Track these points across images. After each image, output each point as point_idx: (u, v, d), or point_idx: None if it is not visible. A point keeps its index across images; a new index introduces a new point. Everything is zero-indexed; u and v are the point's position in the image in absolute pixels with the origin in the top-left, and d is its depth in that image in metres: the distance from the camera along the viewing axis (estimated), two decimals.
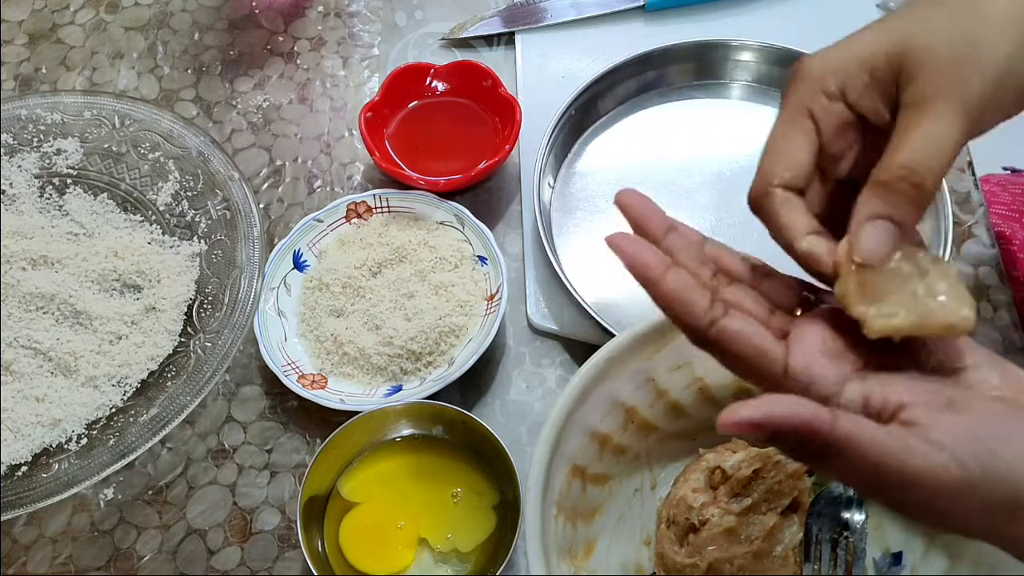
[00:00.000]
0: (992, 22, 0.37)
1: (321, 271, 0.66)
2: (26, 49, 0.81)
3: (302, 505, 0.55)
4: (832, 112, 0.39)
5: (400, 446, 0.59)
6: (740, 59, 0.74)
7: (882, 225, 0.37)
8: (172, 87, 0.78)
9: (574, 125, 0.72)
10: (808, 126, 0.39)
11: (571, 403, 0.48)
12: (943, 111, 0.36)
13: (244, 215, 0.65)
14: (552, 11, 0.79)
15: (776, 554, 0.50)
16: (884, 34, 0.39)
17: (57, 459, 0.57)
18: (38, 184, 0.68)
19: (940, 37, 0.37)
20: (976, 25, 0.38)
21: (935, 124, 0.36)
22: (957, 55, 0.37)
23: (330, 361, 0.63)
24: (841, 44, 0.40)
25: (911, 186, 0.36)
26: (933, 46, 0.37)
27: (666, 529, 0.52)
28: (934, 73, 0.37)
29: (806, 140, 0.39)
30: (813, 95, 0.39)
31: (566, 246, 0.68)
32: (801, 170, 0.39)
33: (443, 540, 0.56)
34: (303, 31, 0.81)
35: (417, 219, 0.68)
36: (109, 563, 0.59)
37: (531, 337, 0.66)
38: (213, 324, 0.62)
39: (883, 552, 0.52)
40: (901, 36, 0.38)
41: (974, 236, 0.69)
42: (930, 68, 0.37)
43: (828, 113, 0.39)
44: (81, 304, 0.62)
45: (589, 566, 0.51)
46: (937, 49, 0.37)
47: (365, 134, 0.69)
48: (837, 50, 0.39)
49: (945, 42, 0.37)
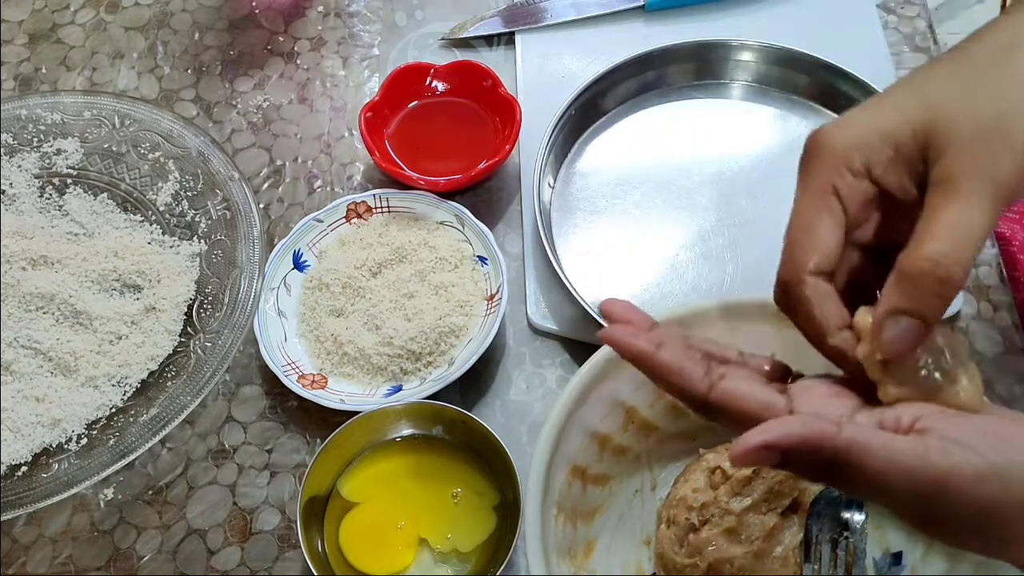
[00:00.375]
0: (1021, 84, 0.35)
1: (321, 271, 0.66)
2: (26, 49, 0.81)
3: (302, 505, 0.55)
4: (858, 190, 0.37)
5: (400, 446, 0.59)
6: (740, 59, 0.74)
7: (906, 321, 0.35)
8: (172, 87, 0.78)
9: (574, 125, 0.72)
10: (835, 206, 0.37)
11: (571, 403, 0.48)
12: (971, 194, 0.34)
13: (244, 215, 0.65)
14: (552, 11, 0.79)
15: (776, 554, 0.50)
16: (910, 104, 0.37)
17: (57, 459, 0.57)
18: (38, 184, 0.68)
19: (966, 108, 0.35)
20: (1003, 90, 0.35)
21: (962, 210, 0.34)
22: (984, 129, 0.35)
23: (330, 361, 0.63)
24: (863, 114, 0.38)
25: (937, 281, 0.34)
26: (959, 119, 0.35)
27: (666, 529, 0.52)
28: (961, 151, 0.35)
29: (835, 222, 0.37)
30: (838, 172, 0.37)
31: (566, 246, 0.68)
32: (833, 254, 0.37)
33: (443, 540, 0.56)
34: (303, 31, 0.81)
35: (417, 219, 0.68)
36: (109, 563, 0.59)
37: (531, 337, 0.66)
38: (213, 324, 0.62)
39: (883, 552, 0.52)
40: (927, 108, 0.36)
41: None
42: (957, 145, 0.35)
43: (854, 191, 0.37)
44: (81, 304, 0.62)
45: (589, 566, 0.51)
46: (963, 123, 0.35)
47: (365, 134, 0.69)
48: (860, 122, 0.37)
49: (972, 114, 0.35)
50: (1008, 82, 0.36)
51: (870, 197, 0.38)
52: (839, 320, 0.37)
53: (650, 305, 0.66)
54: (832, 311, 0.37)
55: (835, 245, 0.37)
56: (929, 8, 0.80)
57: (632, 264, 0.67)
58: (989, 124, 0.35)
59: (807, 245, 0.37)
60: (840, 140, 0.37)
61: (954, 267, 0.34)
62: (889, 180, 0.37)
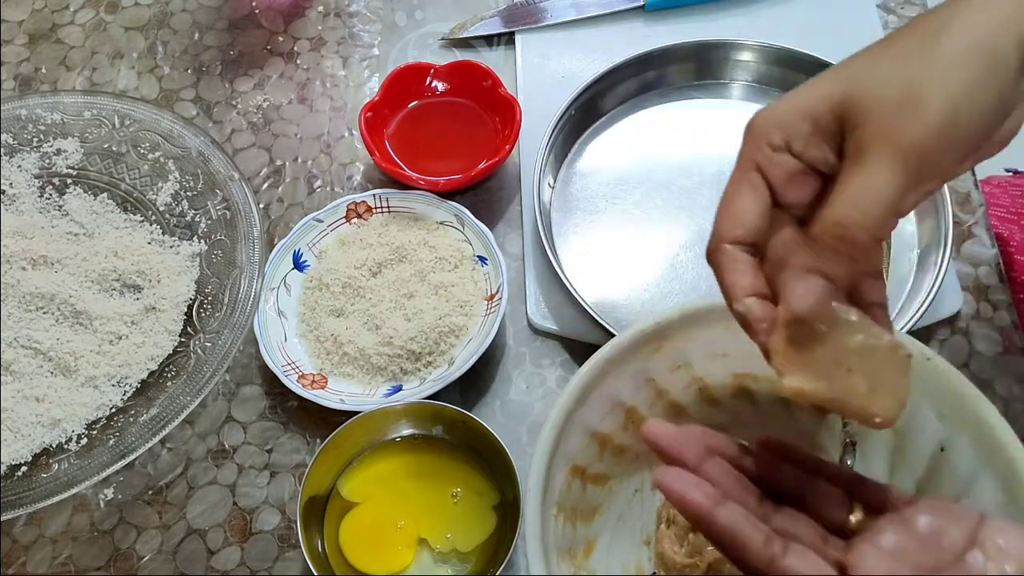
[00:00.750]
0: (941, 61, 0.36)
1: (321, 271, 0.66)
2: (26, 49, 0.81)
3: (302, 505, 0.55)
4: (778, 163, 0.39)
5: (400, 446, 0.59)
6: (740, 59, 0.74)
7: (812, 279, 0.37)
8: (172, 87, 0.78)
9: (574, 125, 0.72)
10: (757, 180, 0.39)
11: (571, 403, 0.48)
12: (877, 161, 0.36)
13: (244, 215, 0.65)
14: (552, 11, 0.79)
15: None
16: (831, 83, 0.38)
17: (57, 459, 0.57)
18: (38, 184, 0.68)
19: (882, 83, 0.37)
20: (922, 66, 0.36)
21: (868, 176, 0.36)
22: (897, 99, 0.36)
23: (330, 361, 0.63)
24: (788, 96, 0.40)
25: (842, 241, 0.36)
26: (875, 93, 0.37)
27: (666, 529, 0.52)
28: (873, 121, 0.36)
29: (756, 195, 0.39)
30: (759, 148, 0.39)
31: (566, 246, 0.68)
32: (751, 225, 0.39)
33: (443, 540, 0.56)
34: (303, 31, 0.81)
35: (417, 219, 0.68)
36: (109, 563, 0.59)
37: (531, 337, 0.66)
38: (213, 324, 0.62)
39: None
40: (847, 85, 0.38)
41: (974, 236, 0.69)
42: (870, 116, 0.36)
43: (774, 164, 0.39)
44: (81, 304, 0.62)
45: (589, 566, 0.51)
46: (878, 95, 0.36)
47: (365, 134, 0.69)
48: (783, 102, 0.39)
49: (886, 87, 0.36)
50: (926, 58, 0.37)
51: (794, 170, 0.39)
52: (749, 289, 0.39)
53: (650, 305, 0.66)
54: (740, 279, 0.39)
55: (753, 217, 0.39)
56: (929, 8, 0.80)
57: (632, 264, 0.67)
58: (900, 94, 0.36)
59: (726, 217, 0.40)
60: (762, 119, 0.39)
61: (858, 229, 0.35)
62: (811, 154, 0.39)
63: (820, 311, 0.37)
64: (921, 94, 0.36)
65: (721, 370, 0.53)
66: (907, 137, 0.35)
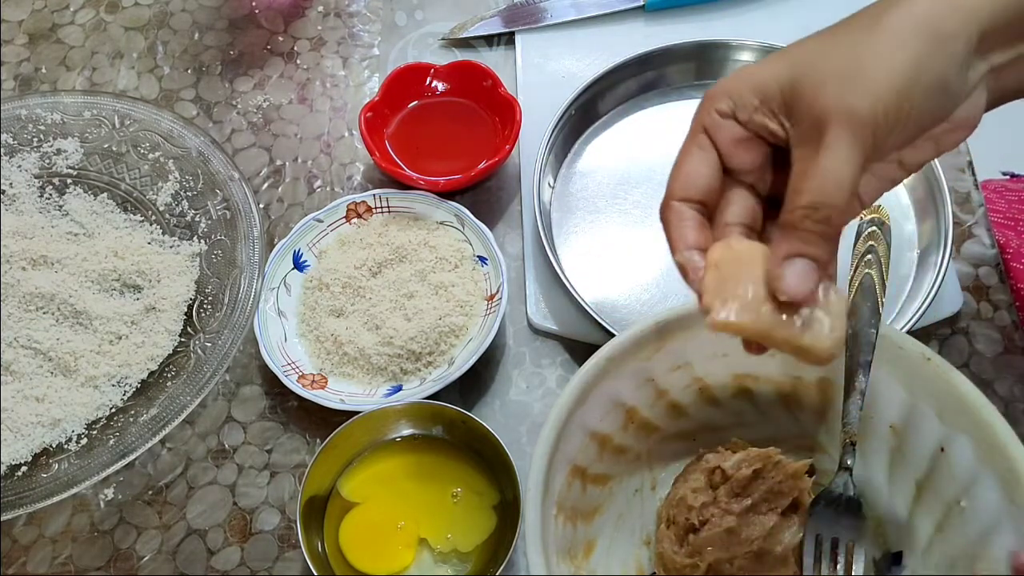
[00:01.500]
0: (889, 35, 0.37)
1: (321, 271, 0.66)
2: (26, 49, 0.81)
3: (302, 505, 0.55)
4: (724, 128, 0.41)
5: (400, 446, 0.59)
6: (740, 59, 0.74)
7: (800, 262, 0.38)
8: (172, 87, 0.78)
9: (574, 125, 0.72)
10: (705, 142, 0.42)
11: (571, 403, 0.48)
12: (835, 140, 0.37)
13: (244, 215, 0.65)
14: (552, 11, 0.79)
15: (776, 554, 0.50)
16: (781, 63, 0.40)
17: (57, 459, 0.57)
18: (38, 184, 0.68)
19: (831, 60, 0.38)
20: (867, 43, 0.38)
21: (829, 156, 0.37)
22: (845, 75, 0.37)
23: (330, 361, 0.63)
24: (741, 70, 0.42)
25: (817, 223, 0.37)
26: (823, 70, 0.38)
27: (666, 529, 0.52)
28: (822, 97, 0.37)
29: (704, 156, 0.42)
30: (708, 114, 0.42)
31: (566, 246, 0.68)
32: (699, 184, 0.42)
33: (443, 540, 0.56)
34: (303, 31, 0.81)
35: (417, 219, 0.68)
36: (109, 563, 0.59)
37: (531, 337, 0.66)
38: (213, 324, 0.62)
39: (883, 552, 0.52)
40: (797, 64, 0.39)
41: (974, 236, 0.69)
42: (820, 93, 0.38)
43: (720, 129, 0.41)
44: (81, 304, 0.62)
45: (589, 566, 0.51)
46: (827, 72, 0.38)
47: (365, 134, 0.69)
48: (735, 75, 0.42)
49: (834, 63, 0.38)
50: (872, 36, 0.38)
51: (739, 136, 0.41)
52: (690, 242, 0.41)
53: (650, 305, 0.66)
54: (687, 232, 0.41)
55: (701, 177, 0.42)
56: None
57: (632, 264, 0.67)
58: (848, 71, 0.37)
59: (676, 176, 0.42)
60: (715, 89, 0.42)
61: (829, 210, 0.37)
62: (756, 124, 0.41)
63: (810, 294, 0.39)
64: (867, 67, 0.37)
65: (721, 370, 0.53)
66: (858, 109, 0.36)
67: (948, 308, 0.65)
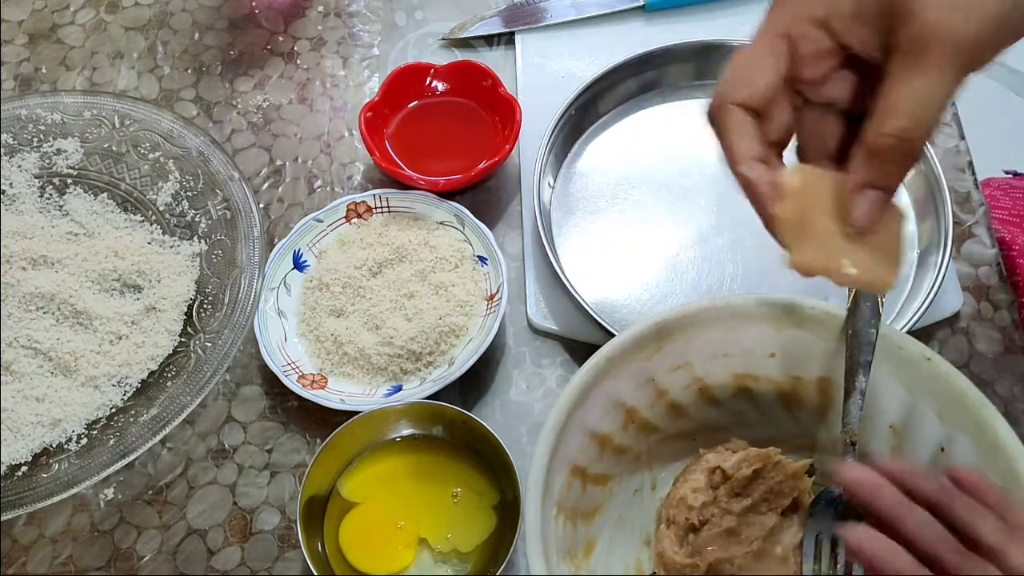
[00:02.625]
0: None
1: (321, 271, 0.66)
2: (26, 49, 0.81)
3: (302, 505, 0.55)
4: (812, 39, 0.38)
5: (400, 446, 0.59)
6: None
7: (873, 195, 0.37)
8: (172, 87, 0.78)
9: (574, 125, 0.72)
10: (782, 50, 0.39)
11: (571, 403, 0.48)
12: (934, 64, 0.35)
13: (244, 215, 0.65)
14: (552, 11, 0.79)
15: (776, 554, 0.50)
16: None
17: (57, 459, 0.57)
18: (38, 184, 0.68)
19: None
20: None
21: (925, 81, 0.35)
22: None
23: (330, 361, 0.63)
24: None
25: (902, 155, 0.36)
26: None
27: (666, 529, 0.52)
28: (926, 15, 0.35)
29: (774, 63, 0.39)
30: (797, 19, 0.38)
31: (566, 246, 0.68)
32: (763, 91, 0.38)
33: (443, 540, 0.56)
34: (303, 31, 0.81)
35: (417, 219, 0.68)
36: (109, 563, 0.59)
37: (531, 337, 0.66)
38: (213, 324, 0.62)
39: None
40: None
41: (974, 236, 0.69)
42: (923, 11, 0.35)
43: (807, 40, 0.38)
44: (81, 304, 0.62)
45: (589, 566, 0.51)
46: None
47: (365, 134, 0.69)
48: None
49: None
50: None
51: (826, 49, 0.38)
52: (752, 152, 0.38)
53: (650, 305, 0.66)
54: (748, 141, 0.38)
55: (765, 84, 0.39)
56: None
57: (632, 264, 0.67)
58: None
59: (737, 79, 0.39)
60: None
61: (917, 141, 0.35)
62: (850, 37, 0.38)
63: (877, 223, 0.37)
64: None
65: (721, 370, 0.53)
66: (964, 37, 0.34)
67: (948, 308, 0.65)
